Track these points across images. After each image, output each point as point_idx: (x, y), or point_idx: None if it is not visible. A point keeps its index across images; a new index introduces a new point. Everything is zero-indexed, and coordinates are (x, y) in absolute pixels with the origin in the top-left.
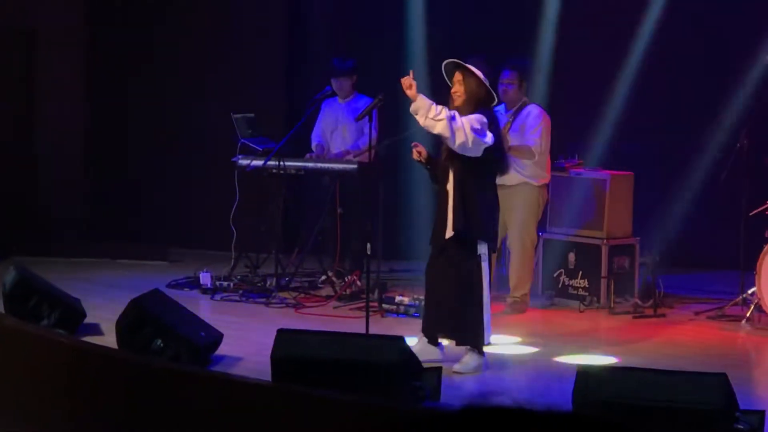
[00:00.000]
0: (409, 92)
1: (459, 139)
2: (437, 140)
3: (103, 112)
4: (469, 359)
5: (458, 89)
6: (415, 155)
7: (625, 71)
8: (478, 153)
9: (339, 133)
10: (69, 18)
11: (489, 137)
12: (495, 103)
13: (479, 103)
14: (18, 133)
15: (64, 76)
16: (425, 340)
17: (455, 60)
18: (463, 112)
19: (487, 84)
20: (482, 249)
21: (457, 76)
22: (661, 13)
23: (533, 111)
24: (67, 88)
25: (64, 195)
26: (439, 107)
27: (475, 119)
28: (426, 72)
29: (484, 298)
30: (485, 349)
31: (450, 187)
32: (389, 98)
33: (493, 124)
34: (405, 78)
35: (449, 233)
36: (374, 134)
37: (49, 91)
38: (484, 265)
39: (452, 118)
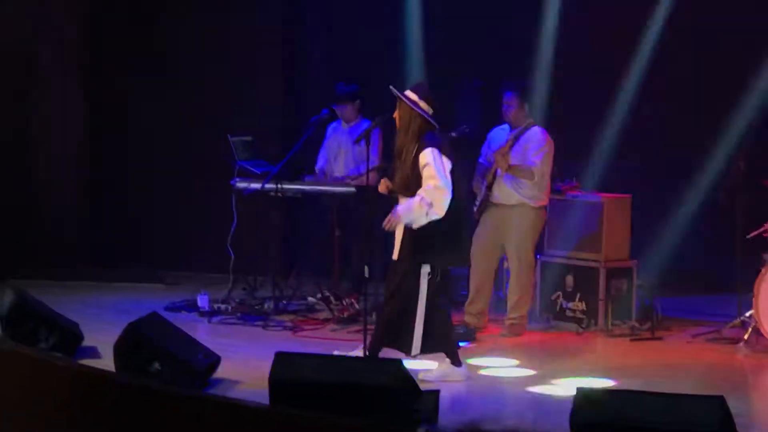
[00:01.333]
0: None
1: (438, 207)
2: None
3: (101, 136)
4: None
5: (396, 115)
6: (382, 189)
7: (623, 92)
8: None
9: (341, 158)
10: (66, 39)
11: (447, 164)
12: (435, 128)
13: (417, 131)
14: (14, 157)
15: (61, 99)
16: (448, 360)
17: (391, 87)
18: (403, 138)
19: (422, 109)
20: (425, 269)
21: (396, 112)
22: (658, 36)
23: (537, 133)
24: (65, 111)
25: (61, 218)
26: (413, 201)
27: (434, 172)
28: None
29: (418, 310)
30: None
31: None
32: (390, 121)
33: (443, 145)
34: (381, 186)
35: (395, 255)
36: (375, 157)
37: (46, 114)
38: (423, 282)
39: (422, 200)
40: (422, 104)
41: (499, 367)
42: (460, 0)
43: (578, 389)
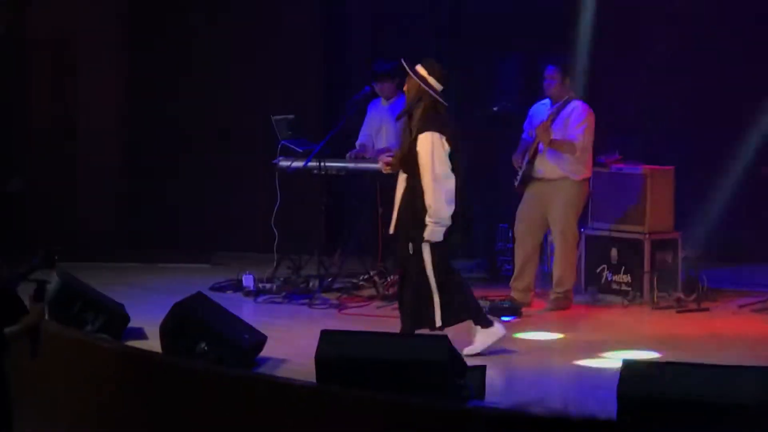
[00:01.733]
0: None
1: (443, 206)
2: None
3: (143, 117)
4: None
5: (408, 94)
6: (385, 170)
7: (665, 64)
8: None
9: (383, 134)
10: (108, 27)
11: (446, 148)
12: (444, 108)
13: (424, 108)
14: (58, 141)
15: (103, 83)
16: (478, 327)
17: (401, 60)
18: (412, 114)
19: (430, 86)
20: (426, 246)
21: (408, 78)
22: (701, 8)
23: (578, 107)
24: (107, 93)
25: (106, 200)
26: (429, 229)
27: (427, 161)
28: (461, 68)
29: (431, 285)
30: None
31: (400, 188)
32: None
33: (446, 126)
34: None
35: (392, 230)
36: None
37: (85, 101)
38: (426, 258)
39: (434, 224)
40: (431, 80)
41: (545, 341)
42: None
43: (625, 362)
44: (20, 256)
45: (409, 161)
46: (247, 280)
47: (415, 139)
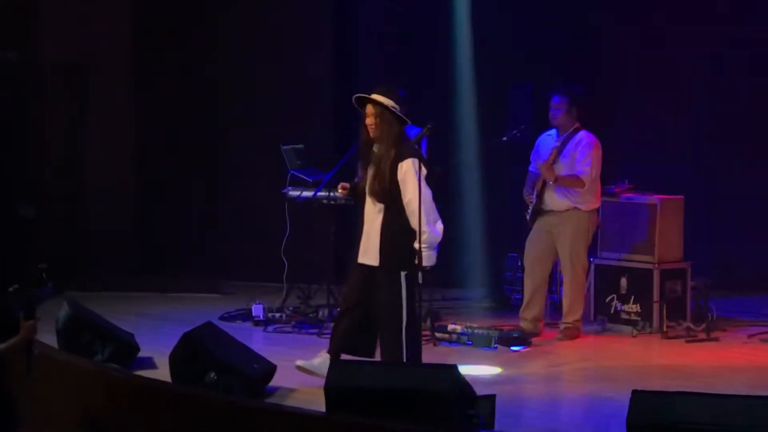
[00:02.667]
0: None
1: (432, 230)
2: None
3: (152, 145)
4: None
5: (373, 122)
6: (342, 193)
7: (675, 93)
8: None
9: None
10: (121, 52)
11: (424, 173)
12: (406, 124)
13: (395, 136)
14: (70, 167)
15: (116, 109)
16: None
17: (364, 96)
18: (383, 142)
19: (399, 113)
20: (403, 275)
21: (370, 109)
22: (709, 38)
23: (584, 139)
24: (119, 120)
25: (114, 229)
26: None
27: (411, 187)
28: (475, 98)
29: (403, 316)
30: None
31: (379, 219)
32: (439, 126)
33: (419, 152)
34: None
35: (374, 261)
36: None
37: (101, 124)
38: (403, 288)
39: (428, 248)
40: (395, 106)
41: (554, 370)
42: (511, 3)
43: (634, 392)
44: (30, 283)
45: (390, 191)
46: (257, 310)
47: (395, 167)
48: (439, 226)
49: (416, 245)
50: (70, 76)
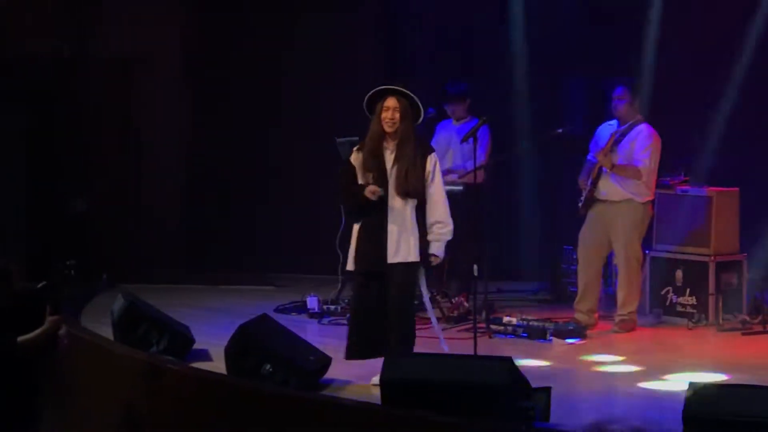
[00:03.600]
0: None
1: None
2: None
3: (206, 139)
4: None
5: (393, 116)
6: (375, 196)
7: (731, 85)
8: None
9: (449, 155)
10: (174, 48)
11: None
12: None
13: (414, 130)
14: (123, 162)
15: (169, 104)
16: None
17: (394, 87)
18: (401, 137)
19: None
20: (421, 271)
21: (393, 102)
22: (764, 27)
23: (644, 130)
24: (172, 115)
25: (170, 222)
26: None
27: (441, 183)
28: (526, 91)
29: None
30: None
31: (409, 215)
32: (495, 118)
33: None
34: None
35: (412, 257)
36: (483, 154)
37: (154, 119)
38: (422, 283)
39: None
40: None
41: (610, 363)
42: None
43: (690, 384)
44: (84, 276)
45: (424, 186)
46: (312, 302)
47: (425, 160)
48: None
49: (430, 237)
50: (123, 70)
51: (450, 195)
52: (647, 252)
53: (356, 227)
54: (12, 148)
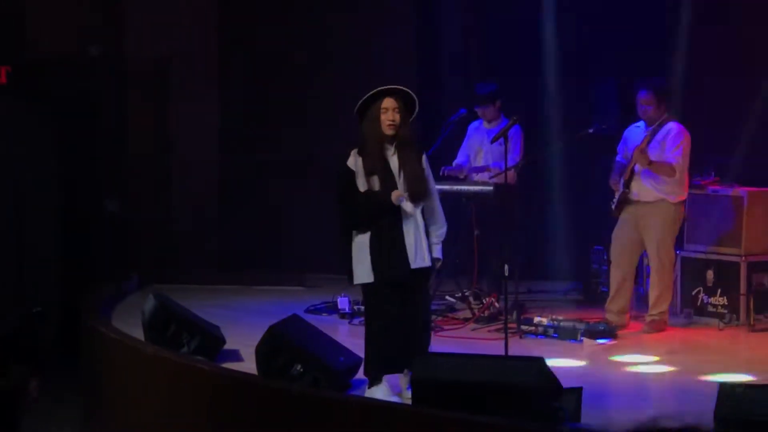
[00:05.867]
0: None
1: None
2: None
3: (238, 141)
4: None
5: (395, 117)
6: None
7: (764, 84)
8: None
9: (480, 156)
10: (206, 51)
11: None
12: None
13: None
14: (155, 163)
15: (200, 107)
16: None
17: (398, 87)
18: (401, 139)
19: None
20: None
21: (391, 102)
22: None
23: (674, 128)
24: (203, 116)
25: (200, 222)
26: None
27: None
28: (557, 92)
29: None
30: None
31: (419, 218)
32: (526, 119)
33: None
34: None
35: (428, 261)
36: (516, 154)
37: (185, 121)
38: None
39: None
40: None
41: (641, 363)
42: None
43: (721, 385)
44: (116, 277)
45: (429, 187)
46: (343, 302)
47: (421, 161)
48: None
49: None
50: (155, 71)
51: (480, 195)
52: (678, 252)
53: (362, 237)
54: (43, 149)
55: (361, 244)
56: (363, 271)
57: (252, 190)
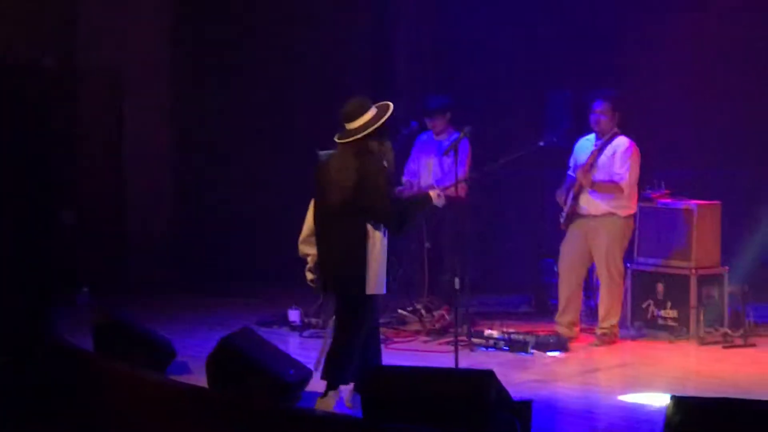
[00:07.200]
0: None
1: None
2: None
3: (190, 149)
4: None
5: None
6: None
7: (713, 99)
8: None
9: (429, 169)
10: (157, 57)
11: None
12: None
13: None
14: (105, 172)
15: (152, 113)
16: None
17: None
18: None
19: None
20: None
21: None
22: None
23: (623, 144)
24: (155, 123)
25: (153, 233)
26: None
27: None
28: (513, 103)
29: None
30: None
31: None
32: (480, 131)
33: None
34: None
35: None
36: (463, 168)
37: (137, 128)
38: None
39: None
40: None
41: (591, 376)
42: (548, 10)
43: (671, 398)
44: (67, 288)
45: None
46: (293, 315)
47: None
48: None
49: None
50: (107, 81)
51: (432, 209)
52: (628, 265)
53: (382, 246)
54: None
55: (382, 252)
56: (380, 282)
57: (205, 200)
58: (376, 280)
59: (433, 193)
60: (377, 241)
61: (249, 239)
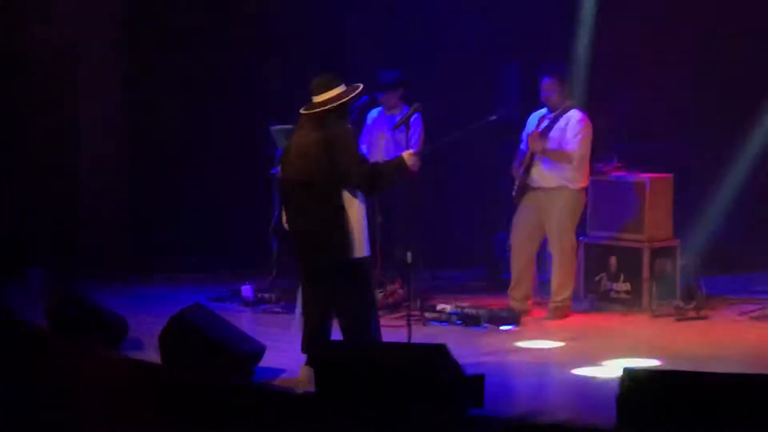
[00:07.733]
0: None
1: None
2: None
3: (143, 129)
4: None
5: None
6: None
7: (664, 72)
8: None
9: (381, 144)
10: (108, 39)
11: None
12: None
13: None
14: (59, 153)
15: (103, 95)
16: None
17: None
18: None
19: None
20: None
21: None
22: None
23: (574, 116)
24: (107, 105)
25: (107, 211)
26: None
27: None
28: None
29: None
30: None
31: None
32: (431, 105)
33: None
34: None
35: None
36: (416, 142)
37: (89, 110)
38: None
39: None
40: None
41: (544, 349)
42: None
43: (624, 370)
44: (21, 268)
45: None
46: (246, 290)
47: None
48: None
49: None
50: (59, 64)
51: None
52: (581, 239)
53: (361, 208)
54: None
55: (361, 216)
56: (361, 243)
57: (159, 178)
58: (362, 243)
59: (406, 155)
60: (355, 206)
61: (202, 216)
